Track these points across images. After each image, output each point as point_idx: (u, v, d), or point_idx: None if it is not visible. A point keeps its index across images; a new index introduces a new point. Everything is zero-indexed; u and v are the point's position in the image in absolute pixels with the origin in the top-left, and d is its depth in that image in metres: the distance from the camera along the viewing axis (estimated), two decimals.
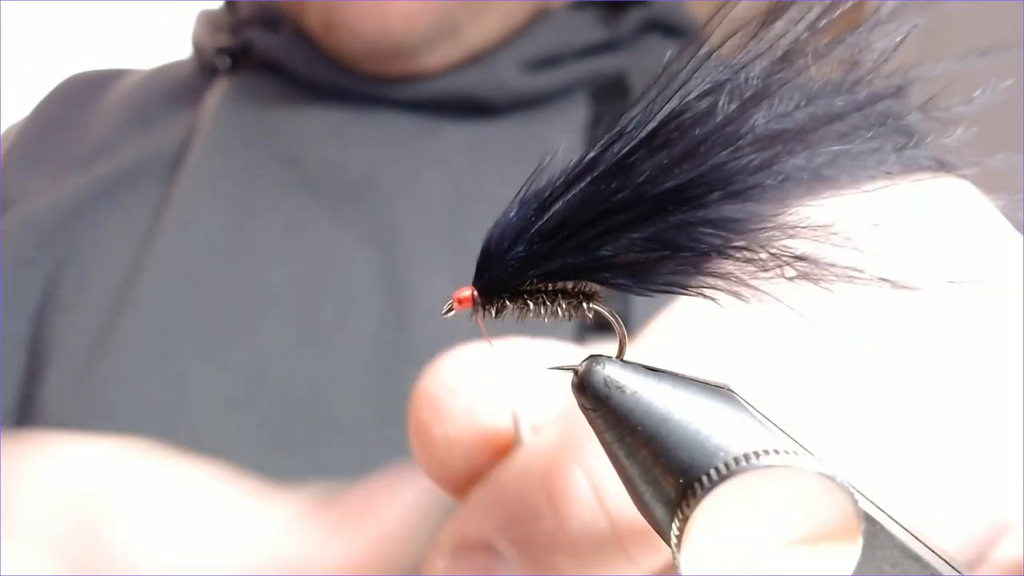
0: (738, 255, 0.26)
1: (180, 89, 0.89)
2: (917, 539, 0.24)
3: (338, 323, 0.71)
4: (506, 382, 0.34)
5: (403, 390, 0.67)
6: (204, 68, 0.89)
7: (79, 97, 0.93)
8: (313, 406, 0.68)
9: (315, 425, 0.68)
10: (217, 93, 0.85)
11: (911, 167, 0.25)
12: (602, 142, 0.26)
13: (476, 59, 0.81)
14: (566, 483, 0.30)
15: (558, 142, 0.28)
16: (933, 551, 0.24)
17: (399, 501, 0.49)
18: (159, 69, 0.96)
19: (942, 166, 0.26)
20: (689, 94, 0.25)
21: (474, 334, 0.29)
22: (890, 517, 0.24)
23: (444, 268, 0.72)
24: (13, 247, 0.78)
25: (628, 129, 0.26)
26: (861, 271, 0.26)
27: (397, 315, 0.70)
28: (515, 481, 0.31)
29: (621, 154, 0.26)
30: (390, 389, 0.69)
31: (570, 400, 0.31)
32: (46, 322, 0.73)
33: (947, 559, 0.24)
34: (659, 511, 0.25)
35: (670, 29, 0.87)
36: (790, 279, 0.26)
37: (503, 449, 0.33)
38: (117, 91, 0.92)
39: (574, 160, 0.27)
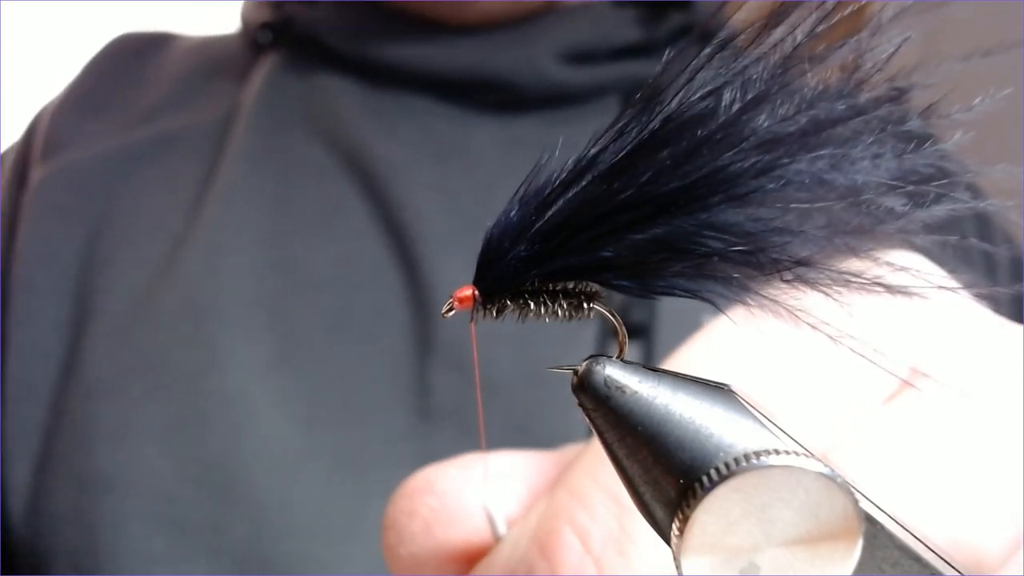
0: (740, 258, 0.26)
1: (226, 63, 0.91)
2: (917, 539, 0.24)
3: (368, 311, 0.72)
4: (465, 493, 0.37)
5: (427, 384, 0.67)
6: (249, 43, 0.91)
7: (130, 57, 0.94)
8: (339, 389, 0.69)
9: (339, 408, 0.68)
10: (261, 72, 0.86)
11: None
12: (601, 140, 0.27)
13: (515, 31, 0.81)
14: (559, 536, 0.32)
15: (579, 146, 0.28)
16: (933, 551, 0.24)
17: None
18: (208, 41, 0.97)
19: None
20: (692, 94, 0.25)
21: (492, 333, 0.30)
22: (890, 517, 0.24)
23: (466, 265, 0.72)
24: (52, 195, 0.79)
25: (629, 128, 0.26)
26: (858, 276, 0.26)
27: (422, 309, 0.71)
28: (506, 557, 0.34)
29: (623, 153, 0.26)
30: (416, 382, 0.69)
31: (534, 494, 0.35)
32: (88, 278, 0.75)
33: (947, 559, 0.24)
34: (659, 511, 0.25)
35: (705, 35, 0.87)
36: (788, 282, 0.26)
37: (473, 553, 0.36)
38: (167, 57, 0.94)
39: (574, 158, 0.27)
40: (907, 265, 0.27)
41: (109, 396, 0.68)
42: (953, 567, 0.24)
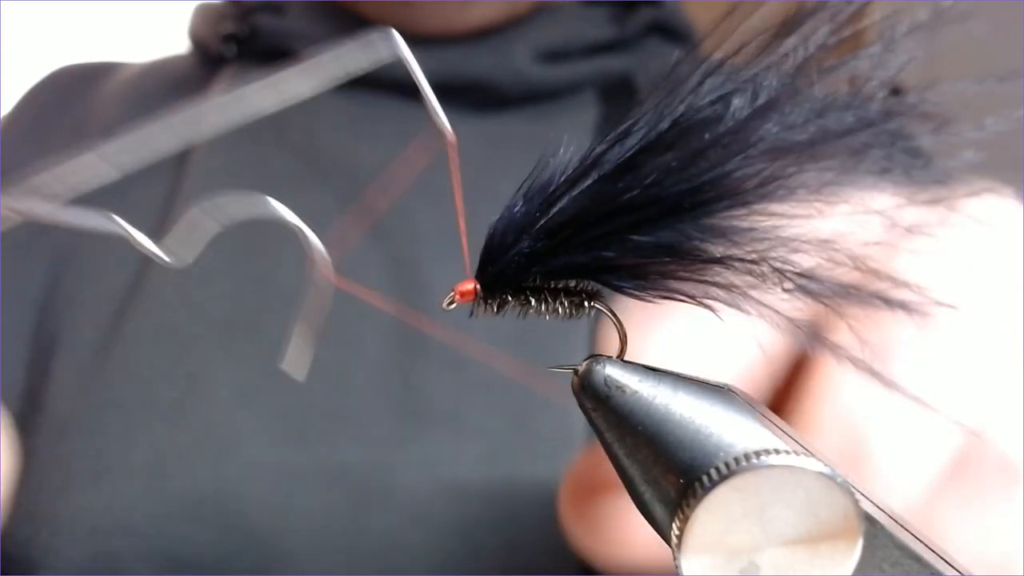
0: (741, 266, 0.26)
1: (181, 81, 0.88)
2: (917, 539, 0.24)
3: (352, 318, 0.71)
4: None
5: (419, 386, 0.66)
6: (207, 59, 0.88)
7: (73, 88, 0.91)
8: (328, 401, 0.68)
9: (330, 420, 0.67)
10: (220, 86, 0.84)
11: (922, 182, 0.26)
12: (609, 139, 0.27)
13: (490, 38, 0.81)
14: None
15: (569, 141, 0.28)
16: (933, 551, 0.24)
17: None
18: (157, 63, 0.94)
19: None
20: (700, 98, 0.26)
21: (487, 331, 0.30)
22: (890, 517, 0.24)
23: (456, 265, 0.71)
24: (9, 235, 0.77)
25: (637, 128, 0.26)
26: (858, 289, 0.27)
27: (416, 309, 0.70)
28: None
29: (629, 153, 0.26)
30: (406, 385, 0.68)
31: None
32: (51, 315, 0.73)
33: (947, 559, 0.24)
34: (659, 511, 0.25)
35: (669, 33, 0.88)
36: (788, 291, 0.26)
37: None
38: (114, 83, 0.91)
39: (579, 156, 0.27)
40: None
41: (82, 433, 0.66)
42: (953, 567, 0.24)
